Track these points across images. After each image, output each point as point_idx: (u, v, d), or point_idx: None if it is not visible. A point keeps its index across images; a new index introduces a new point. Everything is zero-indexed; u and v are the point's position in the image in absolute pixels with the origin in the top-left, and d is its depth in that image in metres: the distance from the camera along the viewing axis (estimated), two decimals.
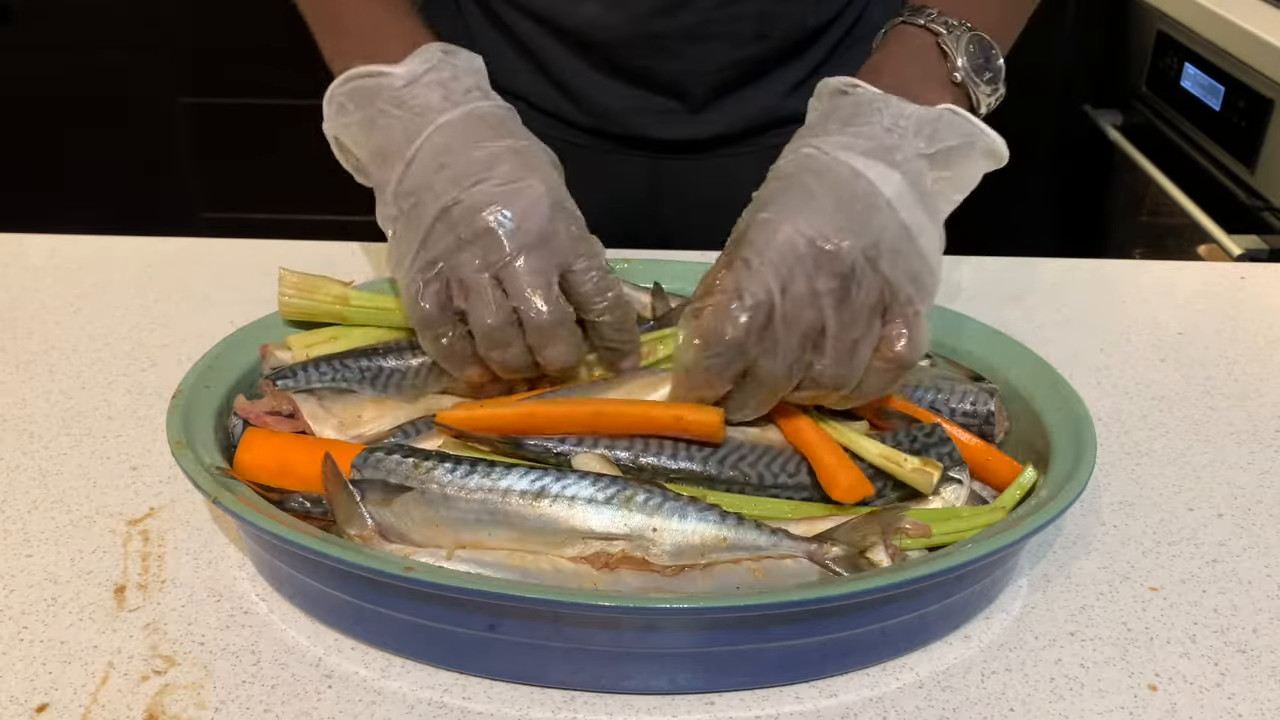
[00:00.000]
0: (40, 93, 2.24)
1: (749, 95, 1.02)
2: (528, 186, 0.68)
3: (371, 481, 0.59)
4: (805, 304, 0.62)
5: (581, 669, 0.56)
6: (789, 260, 0.62)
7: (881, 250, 0.63)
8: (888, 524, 0.59)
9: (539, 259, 0.67)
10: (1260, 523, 0.70)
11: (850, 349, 0.63)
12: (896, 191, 0.65)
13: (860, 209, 0.64)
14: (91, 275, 0.97)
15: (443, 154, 0.69)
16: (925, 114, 0.68)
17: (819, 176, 0.65)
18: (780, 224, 0.63)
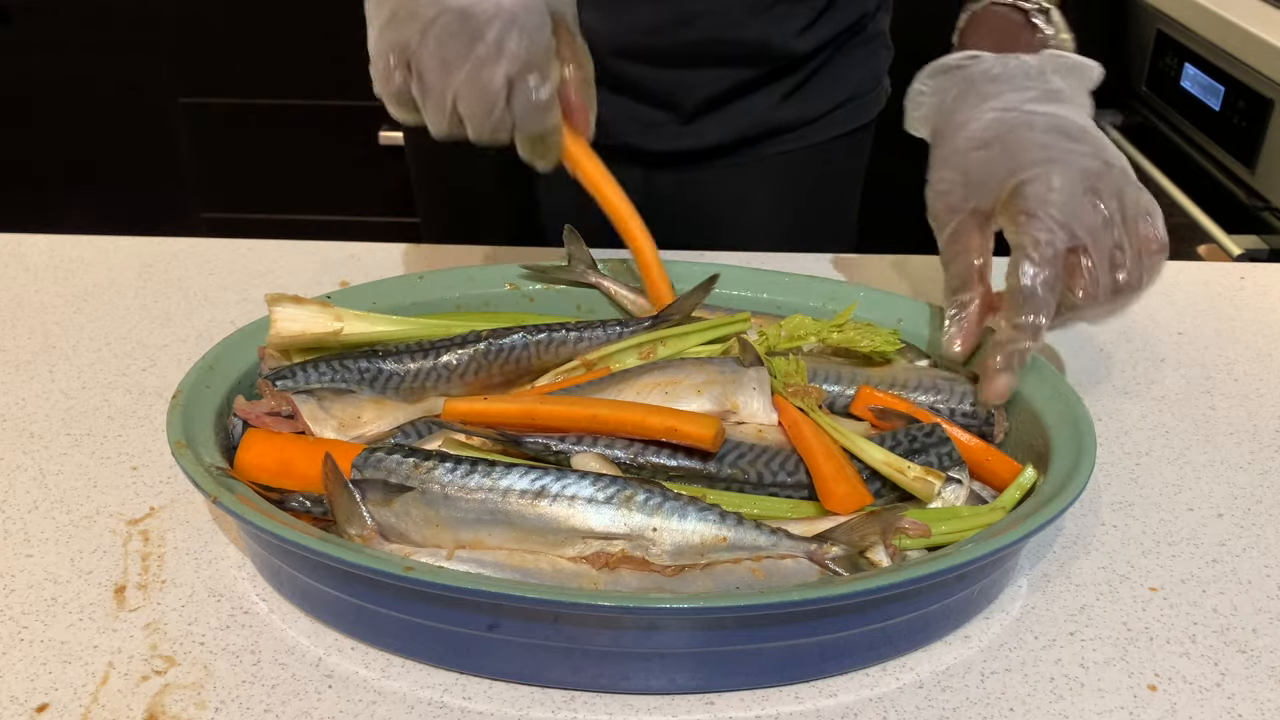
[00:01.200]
0: (40, 93, 2.24)
1: (740, 107, 1.03)
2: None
3: (372, 481, 0.59)
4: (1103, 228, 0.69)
5: (581, 669, 0.56)
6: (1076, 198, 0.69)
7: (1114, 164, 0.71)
8: (888, 524, 0.59)
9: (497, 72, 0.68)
10: (1260, 523, 0.70)
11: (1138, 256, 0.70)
12: (1088, 120, 0.74)
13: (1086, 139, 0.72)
14: (91, 275, 0.97)
15: None
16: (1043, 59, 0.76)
17: (1030, 128, 0.72)
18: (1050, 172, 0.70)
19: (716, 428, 0.63)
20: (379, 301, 0.79)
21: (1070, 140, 0.72)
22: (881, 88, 1.12)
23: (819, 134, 1.07)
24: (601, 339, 0.75)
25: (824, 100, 1.06)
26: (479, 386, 0.73)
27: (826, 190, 1.13)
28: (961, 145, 0.74)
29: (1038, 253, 0.69)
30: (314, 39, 2.12)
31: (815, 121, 1.07)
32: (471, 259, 0.97)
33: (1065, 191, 0.69)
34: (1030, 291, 0.69)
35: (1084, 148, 0.71)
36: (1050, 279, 0.69)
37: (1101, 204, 0.69)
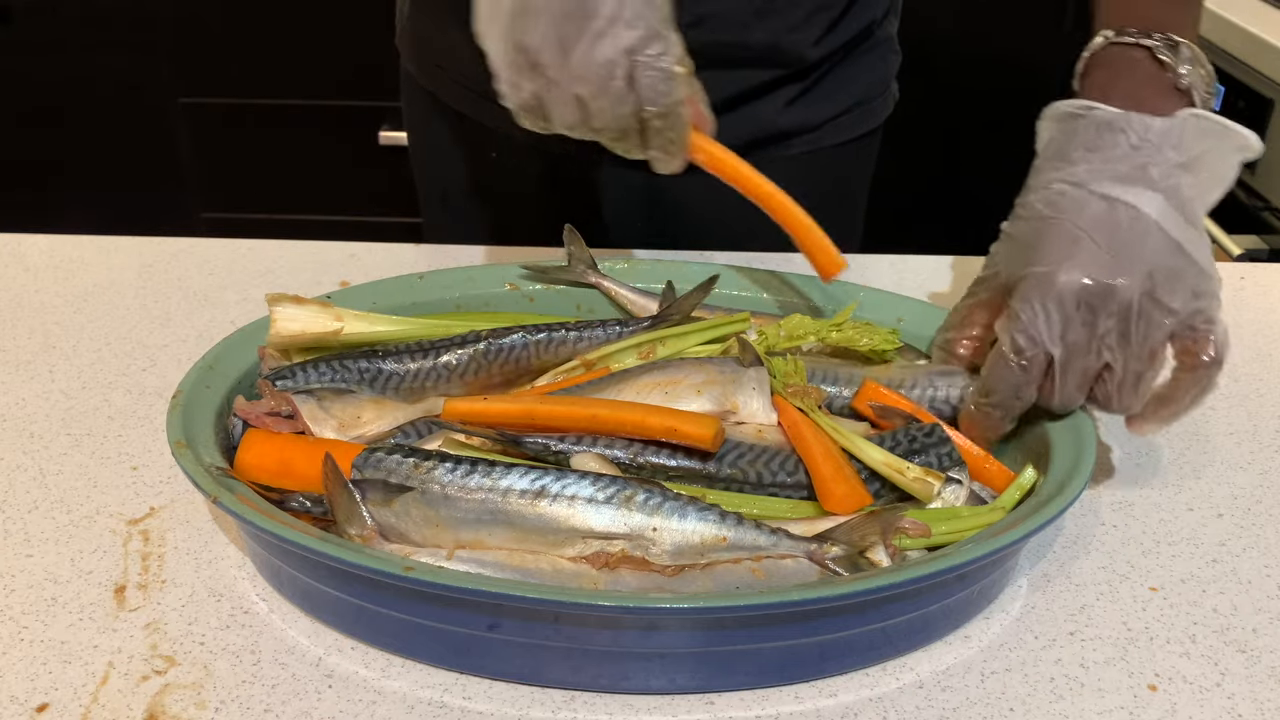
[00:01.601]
0: (40, 93, 2.24)
1: (747, 112, 1.02)
2: None
3: (372, 481, 0.59)
4: (1084, 350, 0.65)
5: (581, 669, 0.56)
6: (1066, 310, 0.64)
7: (1157, 280, 0.64)
8: (888, 524, 0.59)
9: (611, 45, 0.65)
10: (1260, 523, 0.70)
11: (1134, 382, 0.66)
12: (1160, 211, 0.65)
13: (1129, 240, 0.65)
14: (91, 275, 0.97)
15: None
16: (1170, 124, 0.68)
17: (1078, 214, 0.66)
18: (1054, 275, 0.65)
19: (716, 428, 0.63)
20: (379, 301, 0.79)
21: (1109, 239, 0.65)
22: (889, 93, 1.12)
23: (825, 139, 1.07)
24: (601, 339, 0.75)
25: (831, 105, 1.06)
26: (479, 386, 0.73)
27: (833, 195, 1.12)
28: (1023, 210, 0.70)
29: (1004, 358, 0.66)
30: (314, 39, 2.12)
31: (821, 126, 1.06)
32: (471, 259, 0.97)
33: (1057, 300, 0.64)
34: (990, 388, 0.67)
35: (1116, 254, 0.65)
36: (1014, 384, 0.66)
37: (1098, 324, 0.64)
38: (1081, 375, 0.65)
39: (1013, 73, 1.79)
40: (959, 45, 1.75)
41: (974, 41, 1.97)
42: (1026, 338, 0.65)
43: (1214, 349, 0.65)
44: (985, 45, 1.65)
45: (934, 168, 2.08)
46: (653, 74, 0.67)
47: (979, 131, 2.07)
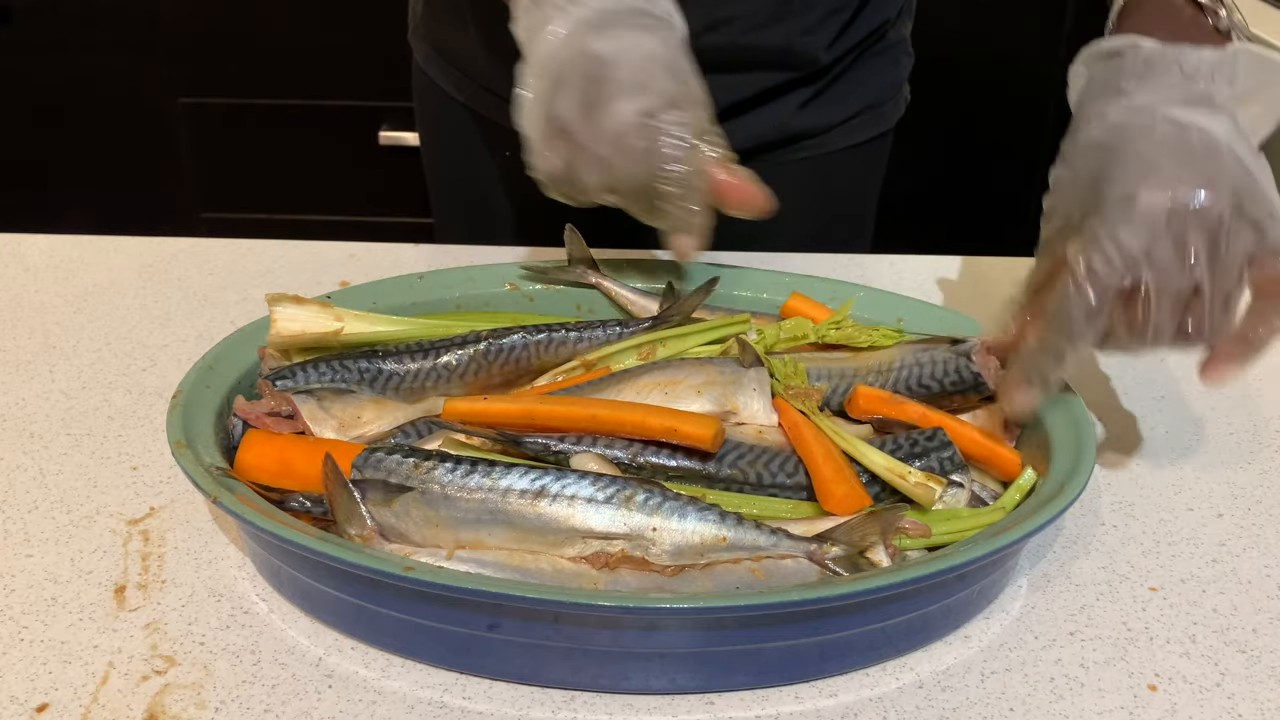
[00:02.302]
0: (40, 93, 2.24)
1: (759, 114, 1.02)
2: (642, 36, 0.67)
3: (372, 481, 0.59)
4: (1175, 271, 0.61)
5: (581, 669, 0.56)
6: (1155, 230, 0.61)
7: (1241, 195, 0.62)
8: (888, 524, 0.59)
9: (631, 107, 0.65)
10: (1260, 523, 0.70)
11: (1224, 304, 0.62)
12: (1228, 134, 0.63)
13: (1205, 159, 0.62)
14: (91, 275, 0.97)
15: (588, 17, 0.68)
16: (1221, 56, 0.66)
17: (1147, 138, 0.64)
18: (1135, 195, 0.62)
19: (716, 428, 0.63)
20: (379, 301, 0.79)
21: (1185, 158, 0.63)
22: (901, 95, 1.11)
23: (837, 141, 1.07)
24: (601, 339, 0.75)
25: (842, 108, 1.06)
26: (479, 386, 0.73)
27: (843, 196, 1.12)
28: (1081, 143, 0.68)
29: (1085, 280, 0.62)
30: (314, 39, 2.12)
31: (833, 129, 1.06)
32: (471, 259, 0.97)
33: (1142, 219, 0.61)
34: (1063, 315, 0.63)
35: (1197, 171, 0.62)
36: (1089, 310, 0.62)
37: (1188, 241, 0.61)
38: (1174, 300, 0.61)
39: (1011, 72, 1.79)
40: (962, 46, 1.75)
41: (976, 42, 1.98)
42: (1104, 260, 0.61)
43: None
44: (987, 45, 1.65)
45: (936, 168, 2.08)
46: (666, 139, 0.66)
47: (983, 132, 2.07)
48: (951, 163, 2.13)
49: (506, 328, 0.74)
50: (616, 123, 0.66)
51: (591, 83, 0.66)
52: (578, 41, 0.67)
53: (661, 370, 0.70)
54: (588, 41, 0.67)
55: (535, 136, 0.69)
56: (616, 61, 0.66)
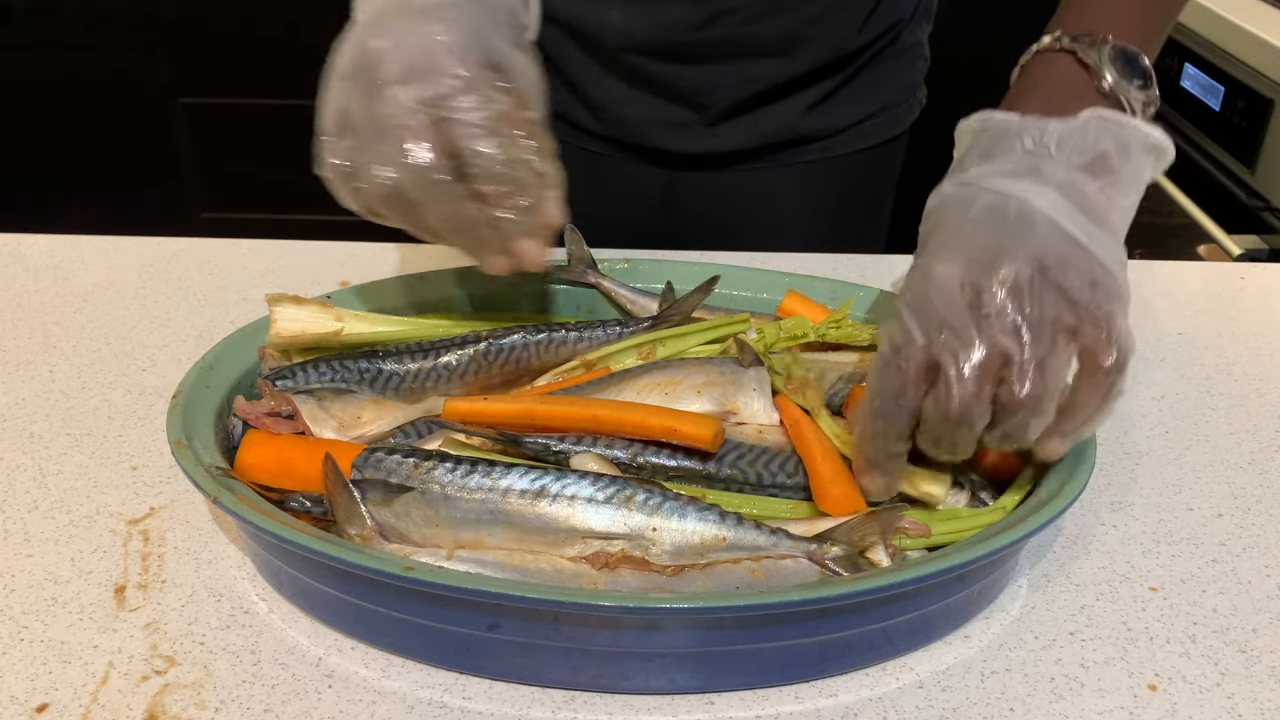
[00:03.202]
0: (40, 93, 2.24)
1: (767, 112, 1.02)
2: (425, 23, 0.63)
3: (372, 481, 0.59)
4: (971, 336, 0.57)
5: (581, 669, 0.56)
6: (947, 297, 0.58)
7: (1048, 262, 0.58)
8: (888, 524, 0.59)
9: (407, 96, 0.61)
10: (1260, 523, 0.70)
11: (1038, 370, 0.57)
12: (1051, 203, 0.60)
13: (1016, 228, 0.59)
14: (91, 275, 0.97)
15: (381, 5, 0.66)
16: (1069, 126, 0.63)
17: (964, 209, 0.61)
18: (931, 266, 0.59)
19: (716, 428, 0.63)
20: (379, 301, 0.79)
21: (993, 227, 0.60)
22: (915, 99, 1.10)
23: (846, 145, 1.06)
24: (601, 339, 0.75)
25: (853, 112, 1.05)
26: (479, 387, 0.73)
27: (854, 199, 1.11)
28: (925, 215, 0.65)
29: (887, 359, 0.59)
30: (314, 39, 2.12)
31: (843, 132, 1.05)
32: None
33: (936, 290, 0.58)
34: (871, 397, 0.60)
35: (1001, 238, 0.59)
36: (894, 390, 0.59)
37: (984, 308, 0.57)
38: (978, 369, 0.57)
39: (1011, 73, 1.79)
40: (981, 47, 1.75)
41: (996, 44, 1.97)
42: (904, 332, 0.59)
43: (1116, 352, 0.59)
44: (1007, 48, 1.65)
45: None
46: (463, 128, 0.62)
47: None
48: None
49: (506, 328, 0.74)
50: (393, 110, 0.61)
51: (367, 74, 0.63)
52: (360, 36, 0.65)
53: (661, 370, 0.70)
54: (366, 36, 0.64)
55: (324, 133, 0.65)
56: (389, 51, 0.62)
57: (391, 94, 0.62)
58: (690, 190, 1.06)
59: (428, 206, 0.63)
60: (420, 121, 0.62)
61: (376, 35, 0.64)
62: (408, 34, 0.63)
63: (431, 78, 0.62)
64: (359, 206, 0.67)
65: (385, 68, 0.63)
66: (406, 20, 0.64)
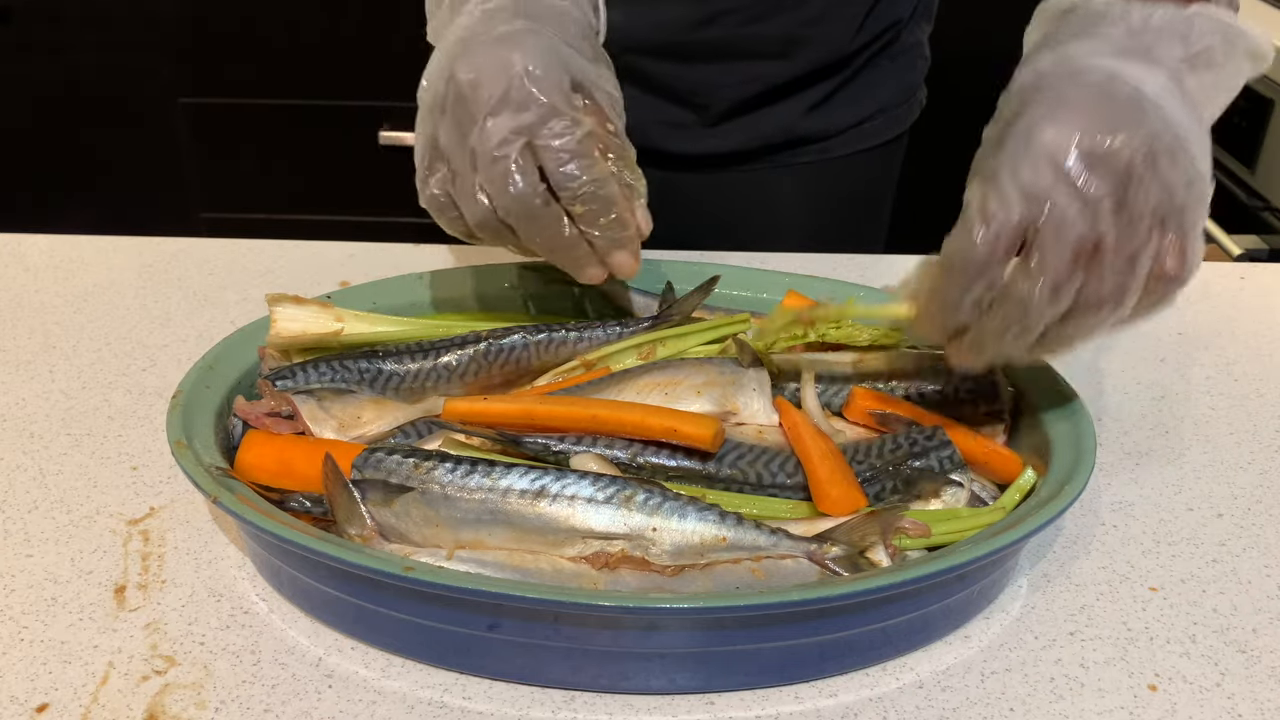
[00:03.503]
0: (40, 93, 2.23)
1: (766, 113, 1.02)
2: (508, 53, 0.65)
3: (372, 481, 0.59)
4: (1074, 216, 0.54)
5: (581, 669, 0.56)
6: (1053, 166, 0.54)
7: (1158, 151, 0.55)
8: (888, 524, 0.59)
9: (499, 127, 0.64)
10: (1260, 523, 0.70)
11: (1129, 262, 0.55)
12: (1160, 89, 0.57)
13: (1126, 107, 0.56)
14: (91, 275, 0.97)
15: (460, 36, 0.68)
16: (1175, 14, 0.60)
17: (1071, 81, 0.57)
18: (1039, 127, 0.55)
19: (716, 428, 0.63)
20: (379, 301, 0.79)
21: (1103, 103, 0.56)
22: (916, 99, 1.10)
23: (845, 146, 1.06)
24: (601, 339, 0.75)
25: (852, 113, 1.05)
26: (479, 387, 0.73)
27: (853, 200, 1.11)
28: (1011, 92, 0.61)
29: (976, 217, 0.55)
30: (314, 39, 2.12)
31: (843, 133, 1.05)
32: (471, 259, 0.97)
33: (1042, 156, 0.54)
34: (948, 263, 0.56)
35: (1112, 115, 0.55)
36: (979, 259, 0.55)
37: (1091, 186, 0.54)
38: (1073, 248, 0.54)
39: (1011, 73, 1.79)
40: (984, 47, 1.75)
41: (998, 44, 1.97)
42: (1000, 198, 0.55)
43: (1182, 261, 0.56)
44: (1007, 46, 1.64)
45: (960, 171, 2.08)
46: (552, 154, 0.64)
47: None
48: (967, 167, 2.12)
49: (506, 328, 0.74)
50: (491, 144, 0.64)
51: (460, 106, 0.65)
52: (446, 68, 0.67)
53: (661, 370, 0.70)
54: (452, 68, 0.66)
55: (419, 165, 0.68)
56: (476, 82, 0.65)
57: (482, 125, 0.64)
58: (690, 191, 1.06)
59: (526, 231, 0.66)
60: (512, 150, 0.64)
61: (462, 67, 0.66)
62: (491, 63, 0.65)
63: (519, 106, 0.64)
64: (457, 232, 0.69)
65: (474, 99, 0.65)
66: (488, 49, 0.66)
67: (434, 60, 0.69)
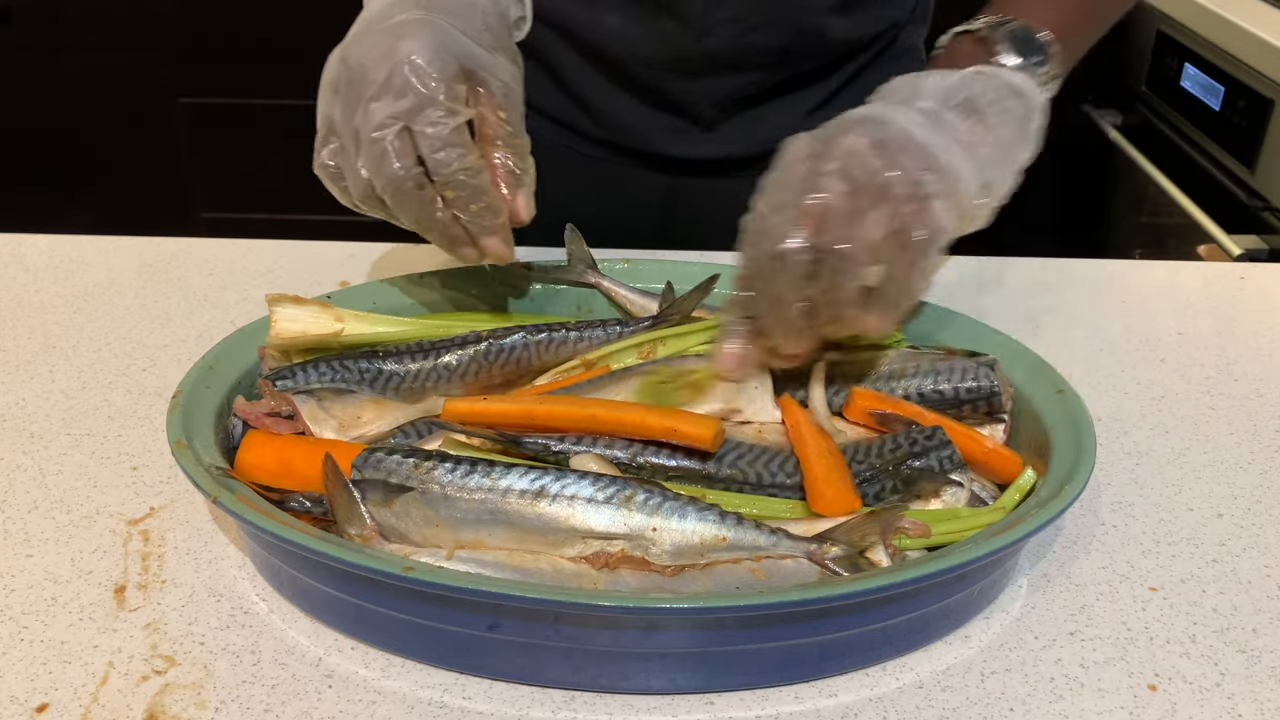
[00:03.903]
0: (40, 93, 2.24)
1: (764, 116, 1.02)
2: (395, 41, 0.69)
3: (372, 481, 0.59)
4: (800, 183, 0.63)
5: (581, 669, 0.56)
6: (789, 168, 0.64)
7: (886, 141, 0.63)
8: (888, 524, 0.59)
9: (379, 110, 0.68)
10: (1260, 523, 0.70)
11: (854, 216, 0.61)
12: (909, 119, 0.65)
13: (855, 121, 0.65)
14: (91, 275, 0.97)
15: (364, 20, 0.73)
16: (946, 77, 0.69)
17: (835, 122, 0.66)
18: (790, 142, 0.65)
19: (716, 428, 0.63)
20: (379, 301, 0.79)
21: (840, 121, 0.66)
22: None
23: None
24: (601, 339, 0.75)
25: None
26: (479, 387, 0.73)
27: None
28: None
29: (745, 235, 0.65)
30: (314, 39, 2.12)
31: None
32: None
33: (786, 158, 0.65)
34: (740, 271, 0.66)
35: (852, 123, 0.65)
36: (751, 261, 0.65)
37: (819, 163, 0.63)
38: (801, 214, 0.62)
39: None
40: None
41: None
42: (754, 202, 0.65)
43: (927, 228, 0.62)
44: None
45: None
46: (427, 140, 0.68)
47: None
48: None
49: (506, 328, 0.74)
50: (371, 126, 0.68)
51: (350, 88, 0.69)
52: (342, 51, 0.71)
53: (658, 370, 0.70)
54: (347, 51, 0.71)
55: (317, 137, 0.73)
56: (365, 67, 0.69)
57: (365, 107, 0.68)
58: (690, 195, 1.06)
59: (398, 209, 0.70)
60: (389, 134, 0.68)
61: (354, 51, 0.70)
62: (379, 50, 0.69)
63: (398, 93, 0.68)
64: (346, 203, 0.74)
65: (361, 82, 0.69)
66: (380, 36, 0.70)
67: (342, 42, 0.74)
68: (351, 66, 0.69)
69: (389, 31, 0.70)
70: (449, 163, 0.68)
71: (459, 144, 0.69)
